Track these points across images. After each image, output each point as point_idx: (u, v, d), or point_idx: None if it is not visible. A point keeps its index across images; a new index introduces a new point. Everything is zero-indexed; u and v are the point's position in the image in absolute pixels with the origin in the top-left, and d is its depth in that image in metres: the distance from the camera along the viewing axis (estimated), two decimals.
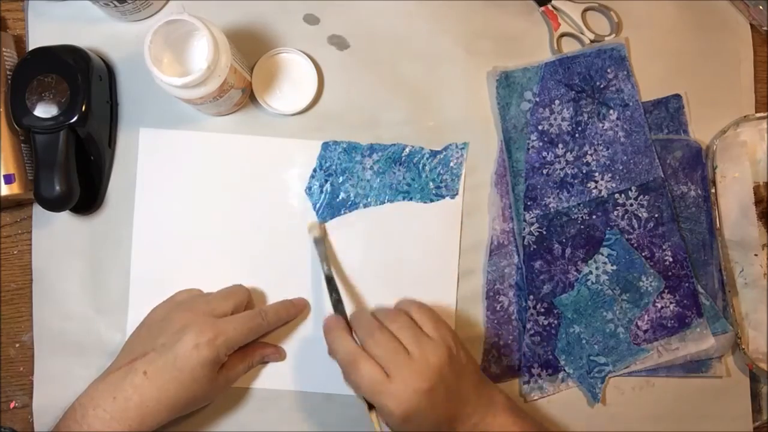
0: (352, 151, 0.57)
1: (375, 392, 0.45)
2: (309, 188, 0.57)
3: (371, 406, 0.47)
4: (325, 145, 0.57)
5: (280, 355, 0.56)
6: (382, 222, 0.57)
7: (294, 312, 0.55)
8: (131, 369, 0.46)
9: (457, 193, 0.58)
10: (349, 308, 0.54)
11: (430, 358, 0.46)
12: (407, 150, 0.58)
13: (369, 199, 0.57)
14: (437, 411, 0.46)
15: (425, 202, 0.57)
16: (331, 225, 0.57)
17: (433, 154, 0.58)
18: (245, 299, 0.54)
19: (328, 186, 0.57)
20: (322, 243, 0.55)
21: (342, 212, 0.57)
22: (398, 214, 0.57)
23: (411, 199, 0.57)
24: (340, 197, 0.57)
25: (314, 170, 0.57)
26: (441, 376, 0.46)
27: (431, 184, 0.58)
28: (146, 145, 0.56)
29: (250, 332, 0.51)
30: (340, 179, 0.57)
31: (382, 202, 0.57)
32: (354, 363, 0.46)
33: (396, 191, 0.57)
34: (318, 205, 0.57)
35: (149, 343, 0.48)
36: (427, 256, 0.57)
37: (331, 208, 0.57)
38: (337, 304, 0.52)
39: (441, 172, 0.58)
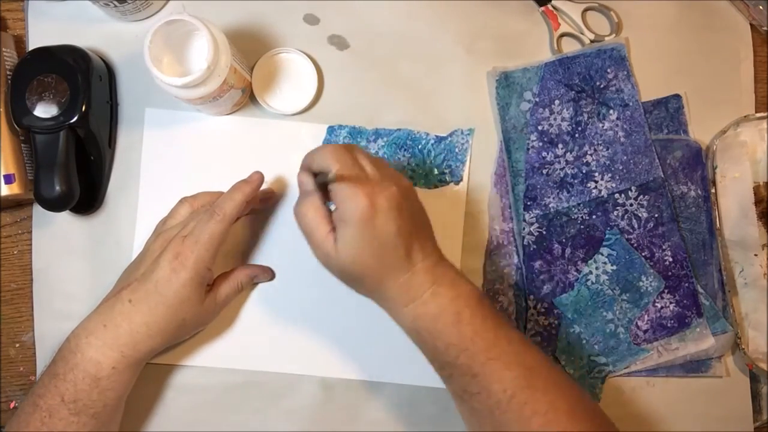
0: (357, 136, 0.57)
1: (351, 186, 0.43)
2: None
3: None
4: (330, 129, 0.57)
5: (268, 275, 0.56)
6: None
7: (249, 189, 0.50)
8: (118, 299, 0.48)
9: (461, 180, 0.58)
10: (344, 294, 0.54)
11: (402, 180, 0.46)
12: (412, 135, 0.58)
13: None
14: (404, 224, 0.44)
15: (429, 188, 0.57)
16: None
17: (438, 139, 0.58)
18: (210, 199, 0.53)
19: None
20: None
21: None
22: None
23: (415, 184, 0.57)
24: None
25: None
26: (410, 195, 0.46)
27: (435, 170, 0.58)
28: (151, 126, 0.57)
29: (215, 235, 0.48)
30: None
31: None
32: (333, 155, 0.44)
33: None
34: None
35: (132, 275, 0.49)
36: None
37: None
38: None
39: (446, 158, 0.58)
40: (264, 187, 0.53)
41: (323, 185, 0.45)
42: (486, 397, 0.43)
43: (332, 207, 0.45)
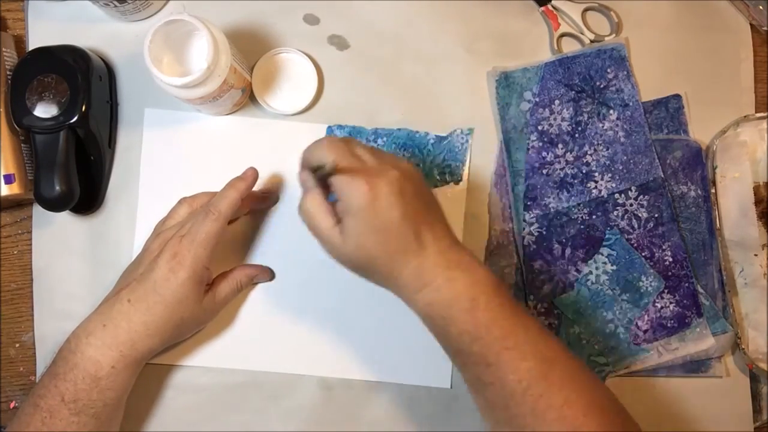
0: (357, 136, 0.57)
1: (349, 175, 0.42)
2: None
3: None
4: (330, 129, 0.57)
5: (268, 275, 0.56)
6: None
7: (243, 185, 0.50)
8: (117, 298, 0.48)
9: (461, 179, 0.58)
10: (344, 294, 0.55)
11: (403, 163, 0.45)
12: (412, 135, 0.57)
13: None
14: (408, 207, 0.42)
15: None
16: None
17: (438, 139, 0.58)
18: (209, 200, 0.52)
19: None
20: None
21: None
22: None
23: None
24: None
25: None
26: (413, 177, 0.44)
27: (435, 170, 0.57)
28: (151, 126, 0.57)
29: (211, 233, 0.48)
30: None
31: None
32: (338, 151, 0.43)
33: None
34: None
35: (132, 275, 0.50)
36: None
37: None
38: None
39: (446, 158, 0.57)
40: (263, 187, 0.53)
41: (323, 179, 0.45)
42: (500, 387, 0.42)
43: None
